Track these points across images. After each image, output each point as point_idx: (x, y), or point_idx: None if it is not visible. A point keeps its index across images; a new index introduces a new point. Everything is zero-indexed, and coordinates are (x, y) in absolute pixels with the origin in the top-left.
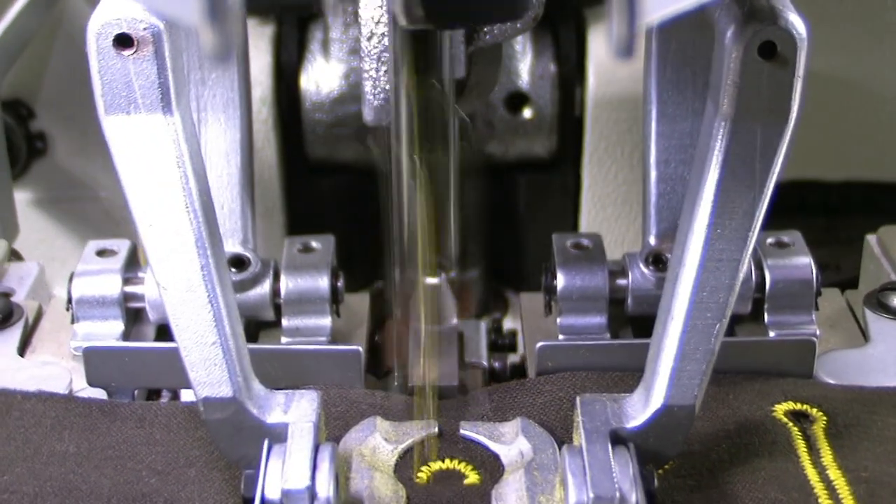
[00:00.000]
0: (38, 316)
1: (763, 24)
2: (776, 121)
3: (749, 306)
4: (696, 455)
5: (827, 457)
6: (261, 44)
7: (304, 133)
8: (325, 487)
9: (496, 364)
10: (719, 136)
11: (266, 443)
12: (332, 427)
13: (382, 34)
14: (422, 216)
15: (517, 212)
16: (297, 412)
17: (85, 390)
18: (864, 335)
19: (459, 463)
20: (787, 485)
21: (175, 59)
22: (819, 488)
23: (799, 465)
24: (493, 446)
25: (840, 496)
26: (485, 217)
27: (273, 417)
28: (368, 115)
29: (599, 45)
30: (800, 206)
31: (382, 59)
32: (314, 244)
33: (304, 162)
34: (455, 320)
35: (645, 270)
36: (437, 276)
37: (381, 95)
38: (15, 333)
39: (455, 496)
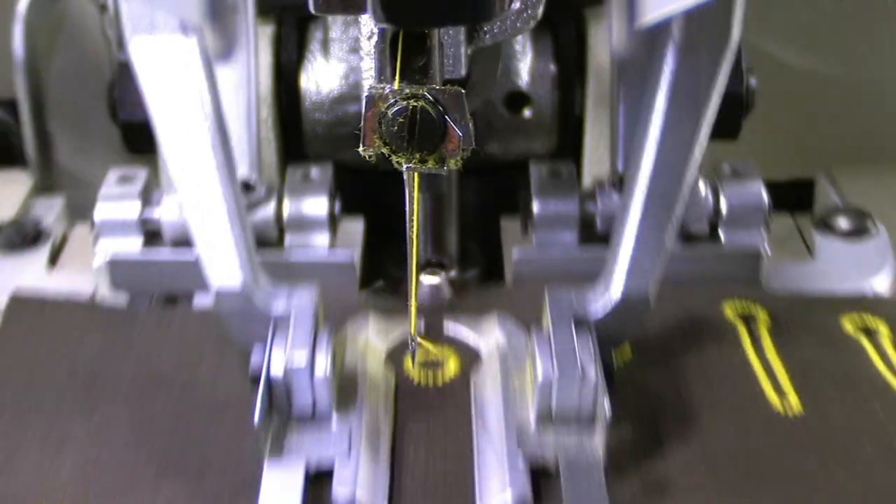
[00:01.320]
0: (64, 239)
1: None
2: (719, 44)
3: (706, 227)
4: (651, 346)
5: (768, 346)
6: (261, 44)
7: (304, 133)
8: (322, 366)
9: None
10: (668, 59)
11: (271, 329)
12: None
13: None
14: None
15: (517, 212)
16: (298, 303)
17: (106, 301)
18: (810, 252)
19: (443, 351)
20: (731, 364)
21: None
22: (758, 367)
23: (743, 352)
24: (473, 338)
25: (776, 373)
26: (485, 217)
27: (278, 307)
28: None
29: (599, 45)
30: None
31: None
32: (314, 173)
33: (304, 162)
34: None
35: (613, 193)
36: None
37: None
38: (43, 252)
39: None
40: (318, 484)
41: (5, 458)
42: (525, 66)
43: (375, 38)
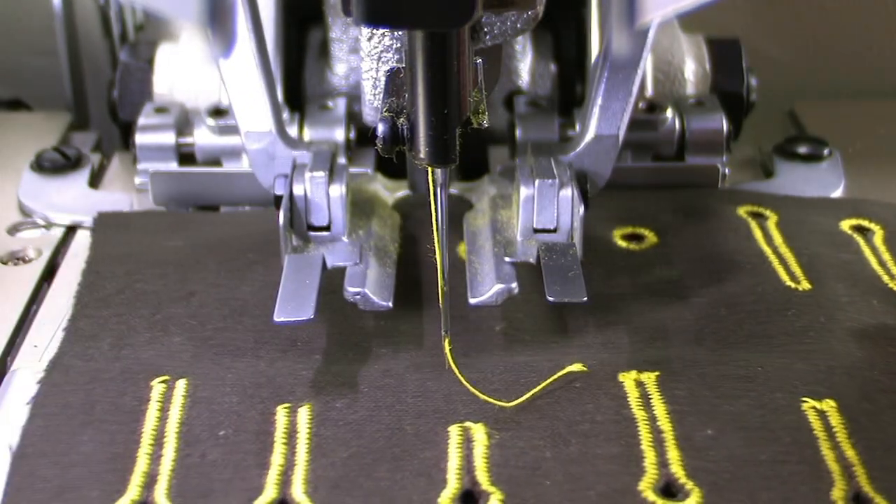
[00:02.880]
0: (101, 166)
1: None
2: None
3: (674, 151)
4: (672, 233)
5: (778, 240)
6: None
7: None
8: (338, 188)
9: None
10: None
11: (292, 162)
12: None
13: (382, 34)
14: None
15: None
16: (318, 147)
17: None
18: (769, 174)
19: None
20: (747, 253)
21: None
22: (772, 257)
23: (757, 244)
24: (467, 194)
25: (788, 263)
26: None
27: (299, 150)
28: (368, 116)
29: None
30: None
31: (382, 59)
32: (330, 104)
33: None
34: None
35: None
36: None
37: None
38: (84, 174)
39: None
40: (330, 280)
41: (121, 335)
42: (525, 66)
43: (375, 38)
